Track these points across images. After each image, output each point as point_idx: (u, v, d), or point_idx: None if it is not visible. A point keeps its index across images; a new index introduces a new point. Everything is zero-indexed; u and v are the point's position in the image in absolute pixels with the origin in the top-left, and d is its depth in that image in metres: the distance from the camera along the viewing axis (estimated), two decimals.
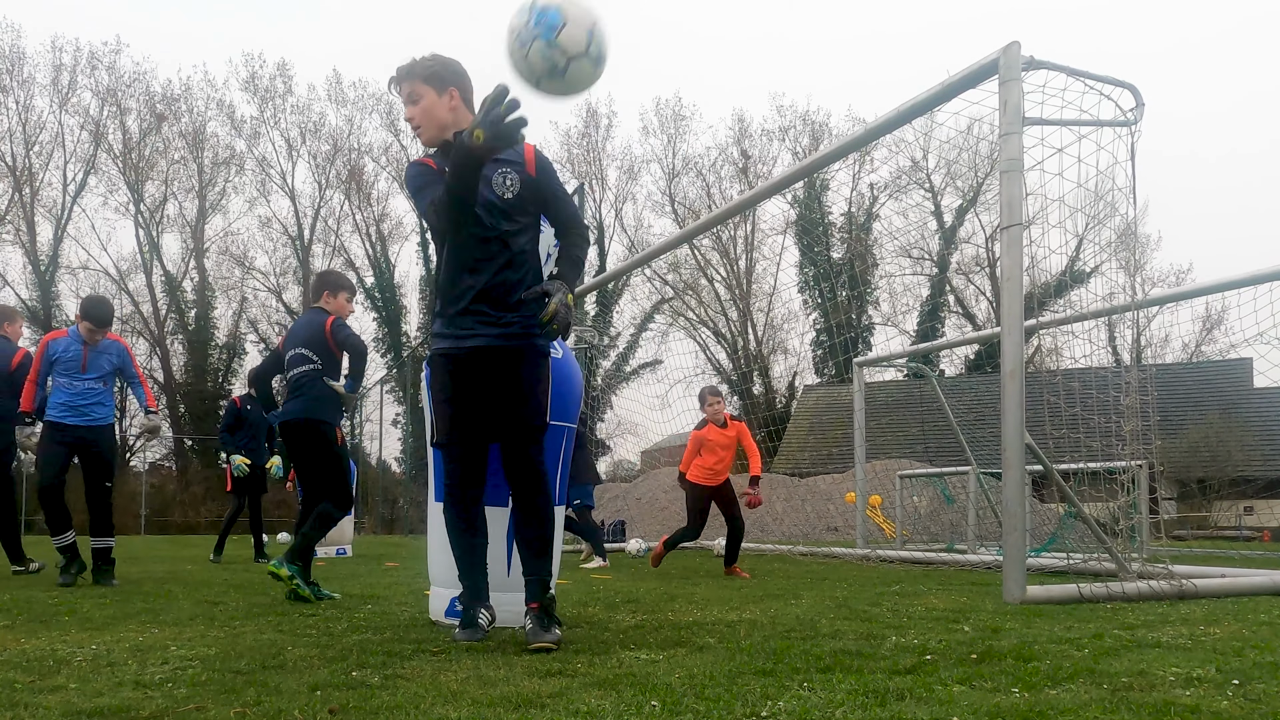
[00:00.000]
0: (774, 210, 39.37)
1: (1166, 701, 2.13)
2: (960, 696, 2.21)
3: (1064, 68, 5.04)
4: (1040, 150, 5.17)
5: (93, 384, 6.25)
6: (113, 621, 3.95)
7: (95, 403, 6.28)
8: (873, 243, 39.00)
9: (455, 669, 2.66)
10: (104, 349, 6.30)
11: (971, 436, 12.40)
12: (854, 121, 37.93)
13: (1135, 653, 2.92)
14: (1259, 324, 7.91)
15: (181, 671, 2.65)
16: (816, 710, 2.06)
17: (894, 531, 13.75)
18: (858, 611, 4.20)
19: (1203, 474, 24.55)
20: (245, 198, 39.66)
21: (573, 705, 2.13)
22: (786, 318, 40.83)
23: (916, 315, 37.99)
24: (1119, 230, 6.10)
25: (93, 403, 6.27)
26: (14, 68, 35.19)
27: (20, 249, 35.72)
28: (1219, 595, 5.01)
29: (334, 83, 46.75)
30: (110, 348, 6.35)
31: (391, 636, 3.42)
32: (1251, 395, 28.20)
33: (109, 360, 6.31)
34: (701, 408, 7.64)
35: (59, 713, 2.11)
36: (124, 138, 36.95)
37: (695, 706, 2.11)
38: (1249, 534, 21.64)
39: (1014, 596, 4.59)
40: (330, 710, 2.10)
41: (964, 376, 33.09)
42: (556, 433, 3.87)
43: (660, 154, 42.07)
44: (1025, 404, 4.73)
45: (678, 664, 2.72)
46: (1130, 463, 5.62)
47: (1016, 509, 4.72)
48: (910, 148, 36.79)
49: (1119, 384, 5.77)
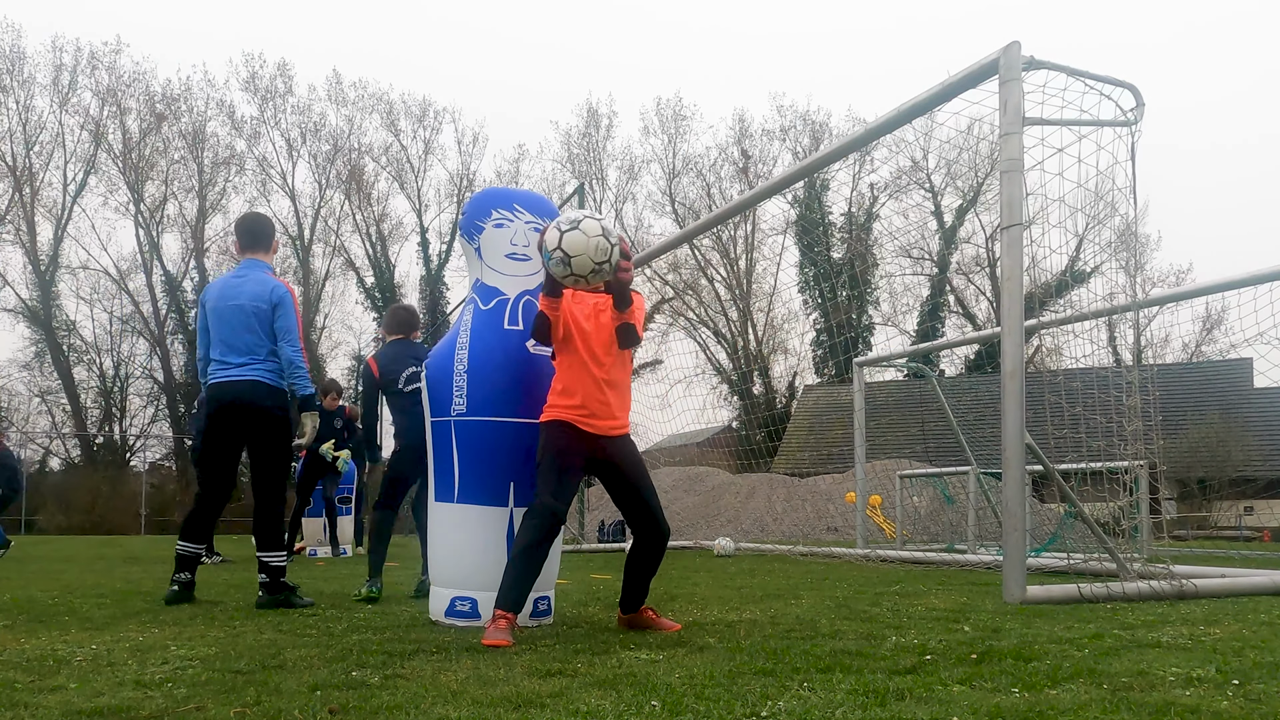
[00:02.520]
0: (774, 210, 39.37)
1: (1166, 701, 2.13)
2: (960, 696, 2.21)
3: (1064, 68, 5.04)
4: (1040, 150, 5.17)
5: None
6: (113, 621, 3.95)
7: None
8: (873, 243, 38.99)
9: (455, 669, 2.66)
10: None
11: (971, 436, 12.40)
12: (854, 121, 37.94)
13: (1135, 653, 2.92)
14: (1259, 324, 7.91)
15: (181, 671, 2.65)
16: (816, 710, 2.06)
17: (894, 531, 13.74)
18: (858, 611, 4.20)
19: (1203, 474, 24.54)
20: (245, 198, 39.60)
21: (573, 705, 2.13)
22: (786, 318, 40.79)
23: (916, 315, 37.98)
24: (1119, 230, 6.10)
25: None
26: (14, 68, 35.16)
27: (20, 249, 35.68)
28: (1219, 595, 5.01)
29: (334, 83, 46.68)
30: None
31: (391, 636, 3.42)
32: (1251, 395, 28.20)
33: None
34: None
35: (59, 713, 2.11)
36: (124, 138, 36.93)
37: (695, 706, 2.11)
38: (1249, 534, 21.62)
39: (1014, 596, 4.59)
40: (330, 710, 2.10)
41: (964, 376, 33.08)
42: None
43: (660, 154, 42.05)
44: (1025, 404, 4.73)
45: (678, 664, 2.72)
46: (1131, 463, 5.62)
47: (1016, 509, 4.72)
48: (910, 148, 36.79)
49: (1120, 384, 5.77)
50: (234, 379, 4.67)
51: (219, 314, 4.76)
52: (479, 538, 3.80)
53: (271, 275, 4.91)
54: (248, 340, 4.71)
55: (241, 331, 4.71)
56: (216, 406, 4.73)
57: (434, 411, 3.95)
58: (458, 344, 3.93)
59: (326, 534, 10.82)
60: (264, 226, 5.08)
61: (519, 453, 3.82)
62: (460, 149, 44.90)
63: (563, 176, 40.80)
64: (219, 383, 4.72)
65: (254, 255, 4.94)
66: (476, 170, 41.31)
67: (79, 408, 36.19)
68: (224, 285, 4.87)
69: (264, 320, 4.75)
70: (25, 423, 36.21)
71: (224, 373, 4.71)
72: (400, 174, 40.80)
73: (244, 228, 5.03)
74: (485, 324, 3.93)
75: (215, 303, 4.80)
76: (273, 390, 4.74)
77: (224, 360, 4.73)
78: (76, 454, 35.51)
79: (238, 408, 4.67)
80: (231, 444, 4.78)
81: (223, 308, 4.76)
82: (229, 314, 4.74)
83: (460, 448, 3.84)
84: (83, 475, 32.15)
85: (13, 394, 35.87)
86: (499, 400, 3.82)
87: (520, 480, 3.83)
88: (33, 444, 35.23)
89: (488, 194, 4.15)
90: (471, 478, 3.82)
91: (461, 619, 3.80)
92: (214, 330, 4.78)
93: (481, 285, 4.03)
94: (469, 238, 4.10)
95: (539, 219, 4.07)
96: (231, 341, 4.72)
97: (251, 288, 4.78)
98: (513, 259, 4.02)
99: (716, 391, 38.83)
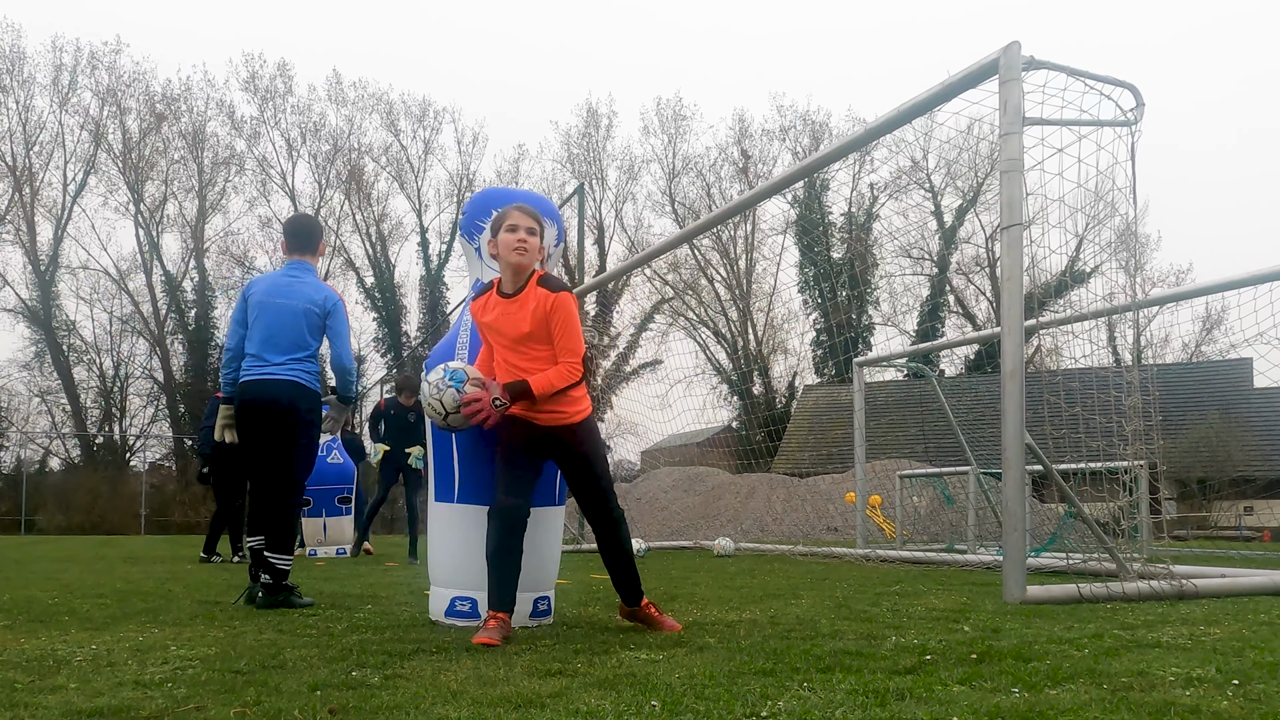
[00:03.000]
0: (774, 210, 39.40)
1: (1166, 701, 2.13)
2: (960, 696, 2.21)
3: (1064, 68, 5.04)
4: (1040, 150, 5.16)
5: None
6: (113, 621, 3.95)
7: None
8: (873, 243, 39.00)
9: (455, 669, 2.66)
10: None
11: (971, 436, 12.40)
12: (854, 121, 37.95)
13: (1135, 653, 2.92)
14: (1259, 324, 7.91)
15: (181, 671, 2.65)
16: (816, 710, 2.06)
17: (894, 531, 13.74)
18: (858, 611, 4.20)
19: (1203, 474, 24.55)
20: (245, 198, 39.65)
21: (573, 705, 2.13)
22: (786, 318, 40.78)
23: (916, 315, 38.01)
24: (1119, 230, 6.10)
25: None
26: (14, 68, 35.18)
27: (20, 249, 35.70)
28: (1219, 595, 5.01)
29: (334, 83, 46.66)
30: None
31: (391, 636, 3.42)
32: (1251, 395, 28.21)
33: None
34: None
35: (59, 713, 2.10)
36: (124, 138, 36.94)
37: (695, 706, 2.11)
38: (1249, 534, 21.62)
39: (1014, 596, 4.59)
40: (330, 710, 2.10)
41: (964, 376, 33.08)
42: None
43: (660, 154, 42.07)
44: (1025, 404, 4.73)
45: (678, 664, 2.72)
46: (1131, 463, 5.62)
47: (1016, 509, 4.72)
48: (910, 148, 36.82)
49: (1119, 384, 5.77)
50: (273, 377, 4.64)
51: (266, 309, 4.70)
52: (479, 538, 3.79)
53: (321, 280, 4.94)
54: (291, 340, 4.67)
55: (287, 331, 4.67)
56: (250, 402, 4.66)
57: None
58: (458, 343, 3.93)
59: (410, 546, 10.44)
60: (313, 229, 5.04)
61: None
62: (460, 149, 44.93)
63: (563, 176, 40.83)
64: (256, 380, 4.64)
65: (301, 257, 4.91)
66: (476, 170, 41.36)
67: (79, 408, 36.20)
68: (273, 282, 4.81)
69: (313, 324, 4.73)
70: (25, 423, 36.23)
71: (261, 370, 4.65)
72: (400, 174, 40.82)
73: (293, 229, 4.99)
74: None
75: (263, 298, 4.72)
76: (308, 393, 4.72)
77: (262, 357, 4.66)
78: (76, 454, 35.53)
79: (272, 406, 4.65)
80: (266, 438, 4.72)
81: (271, 304, 4.70)
82: (277, 311, 4.69)
83: (460, 448, 3.84)
84: (83, 475, 32.16)
85: (13, 394, 35.88)
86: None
87: None
88: (33, 444, 35.25)
89: (488, 194, 4.15)
90: (471, 478, 3.82)
91: (461, 619, 3.80)
92: (256, 326, 4.70)
93: (481, 285, 4.03)
94: (469, 238, 4.10)
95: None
96: (275, 340, 4.66)
97: (306, 290, 4.75)
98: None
99: (716, 391, 38.88)
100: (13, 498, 29.28)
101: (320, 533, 10.91)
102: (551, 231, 4.06)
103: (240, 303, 4.82)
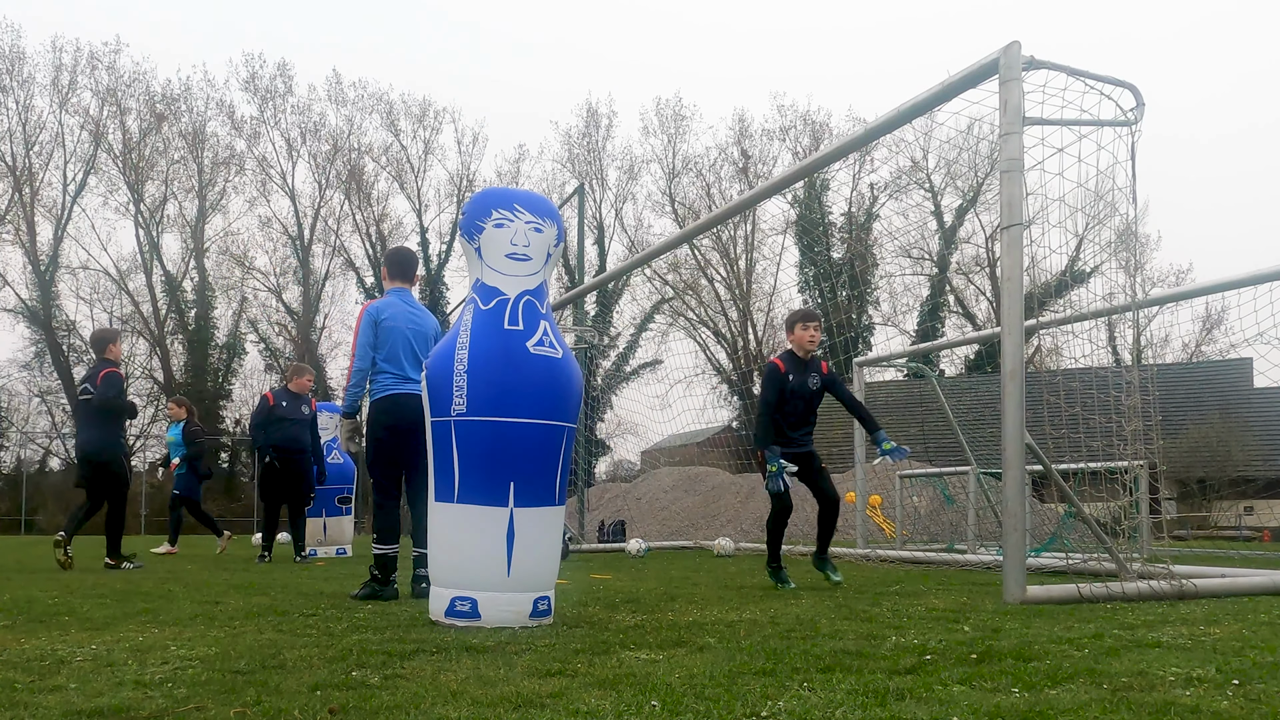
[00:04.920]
0: (774, 210, 39.41)
1: (1166, 701, 2.13)
2: (960, 696, 2.21)
3: (1064, 67, 5.04)
4: (1040, 150, 5.16)
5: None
6: (113, 621, 3.95)
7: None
8: (873, 243, 39.01)
9: (455, 669, 2.66)
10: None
11: (971, 436, 12.39)
12: (854, 121, 37.95)
13: (1135, 653, 2.92)
14: (1259, 324, 7.91)
15: (181, 671, 2.65)
16: (816, 710, 2.06)
17: (894, 531, 13.74)
18: (858, 611, 4.20)
19: (1203, 474, 24.56)
20: (245, 198, 39.70)
21: (573, 705, 2.13)
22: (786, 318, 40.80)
23: (916, 315, 38.02)
24: (1119, 230, 6.10)
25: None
26: (14, 68, 35.23)
27: (20, 249, 35.73)
28: (1219, 595, 5.01)
29: (334, 83, 46.72)
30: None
31: (391, 636, 3.42)
32: (1251, 395, 28.22)
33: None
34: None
35: (59, 713, 2.11)
36: (124, 138, 36.95)
37: (695, 706, 2.11)
38: (1249, 534, 21.62)
39: (1014, 596, 4.59)
40: (330, 710, 2.10)
41: (964, 376, 33.08)
42: (556, 432, 3.88)
43: (660, 154, 42.09)
44: (1025, 404, 4.73)
45: (678, 664, 2.72)
46: (1131, 463, 5.62)
47: (1016, 509, 4.72)
48: (910, 148, 36.85)
49: (1119, 384, 5.77)
50: (417, 393, 5.06)
51: (404, 335, 5.34)
52: (479, 538, 3.80)
53: None
54: (420, 360, 5.27)
55: (422, 352, 5.30)
56: (400, 413, 5.23)
57: (434, 411, 3.95)
58: (458, 344, 3.93)
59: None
60: (413, 261, 5.73)
61: (519, 453, 3.82)
62: (460, 149, 45.01)
63: (563, 176, 40.85)
64: (406, 394, 5.24)
65: (403, 285, 5.55)
66: (476, 170, 41.39)
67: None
68: (405, 310, 5.42)
69: (431, 347, 5.30)
70: (25, 423, 36.23)
71: (407, 386, 5.29)
72: (400, 174, 40.84)
73: (397, 259, 5.63)
74: (485, 324, 3.93)
75: (401, 323, 5.34)
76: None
77: (406, 375, 5.31)
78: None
79: (417, 418, 4.91)
80: (417, 445, 4.99)
81: (412, 330, 5.37)
82: (415, 336, 5.38)
83: (460, 448, 3.84)
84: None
85: (13, 394, 35.89)
86: (499, 400, 3.82)
87: (520, 480, 3.82)
88: (33, 444, 35.26)
89: (488, 194, 4.15)
90: (471, 478, 3.82)
91: (461, 619, 3.80)
92: (393, 347, 5.30)
93: (481, 285, 4.03)
94: (469, 238, 4.10)
95: (539, 219, 4.07)
96: (416, 359, 5.31)
97: (429, 319, 5.55)
98: (513, 259, 4.02)
99: (716, 391, 38.87)
100: (13, 498, 29.26)
101: (320, 533, 10.91)
102: (552, 231, 4.07)
103: (369, 326, 5.31)
